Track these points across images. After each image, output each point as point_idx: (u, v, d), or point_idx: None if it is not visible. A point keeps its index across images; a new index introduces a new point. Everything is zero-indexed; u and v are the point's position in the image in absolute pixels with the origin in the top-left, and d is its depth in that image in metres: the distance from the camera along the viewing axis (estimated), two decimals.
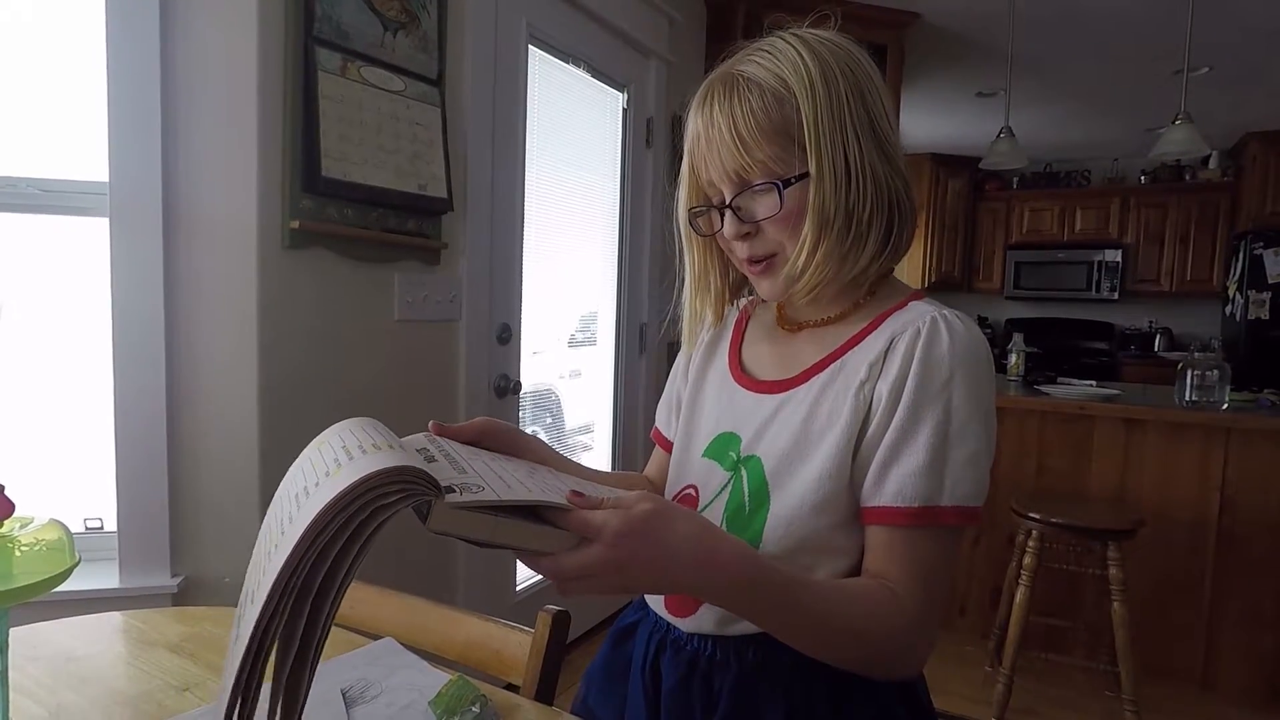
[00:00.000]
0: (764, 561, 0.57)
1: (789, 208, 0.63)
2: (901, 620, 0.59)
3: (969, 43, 3.39)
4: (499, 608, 2.04)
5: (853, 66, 0.64)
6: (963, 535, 0.65)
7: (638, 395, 2.67)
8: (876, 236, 0.64)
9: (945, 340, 0.62)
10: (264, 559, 0.44)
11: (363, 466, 0.42)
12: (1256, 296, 4.45)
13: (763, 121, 0.62)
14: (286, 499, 0.47)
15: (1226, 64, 3.51)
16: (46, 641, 0.79)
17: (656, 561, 0.51)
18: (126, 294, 1.32)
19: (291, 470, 0.51)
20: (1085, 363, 5.07)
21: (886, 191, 0.64)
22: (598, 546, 0.49)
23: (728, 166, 0.64)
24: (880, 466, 0.62)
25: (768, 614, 0.58)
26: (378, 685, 0.71)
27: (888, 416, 0.62)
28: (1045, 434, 2.46)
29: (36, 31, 1.33)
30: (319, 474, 0.45)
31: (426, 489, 0.44)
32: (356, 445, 0.47)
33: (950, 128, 4.89)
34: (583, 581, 0.50)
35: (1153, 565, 2.28)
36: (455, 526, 0.46)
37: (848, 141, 0.62)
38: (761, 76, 0.63)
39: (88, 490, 1.38)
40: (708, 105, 0.65)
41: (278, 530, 0.44)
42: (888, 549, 0.61)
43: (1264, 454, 2.17)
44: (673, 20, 2.62)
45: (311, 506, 0.41)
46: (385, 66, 1.54)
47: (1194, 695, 2.24)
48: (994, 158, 3.04)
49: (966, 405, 0.61)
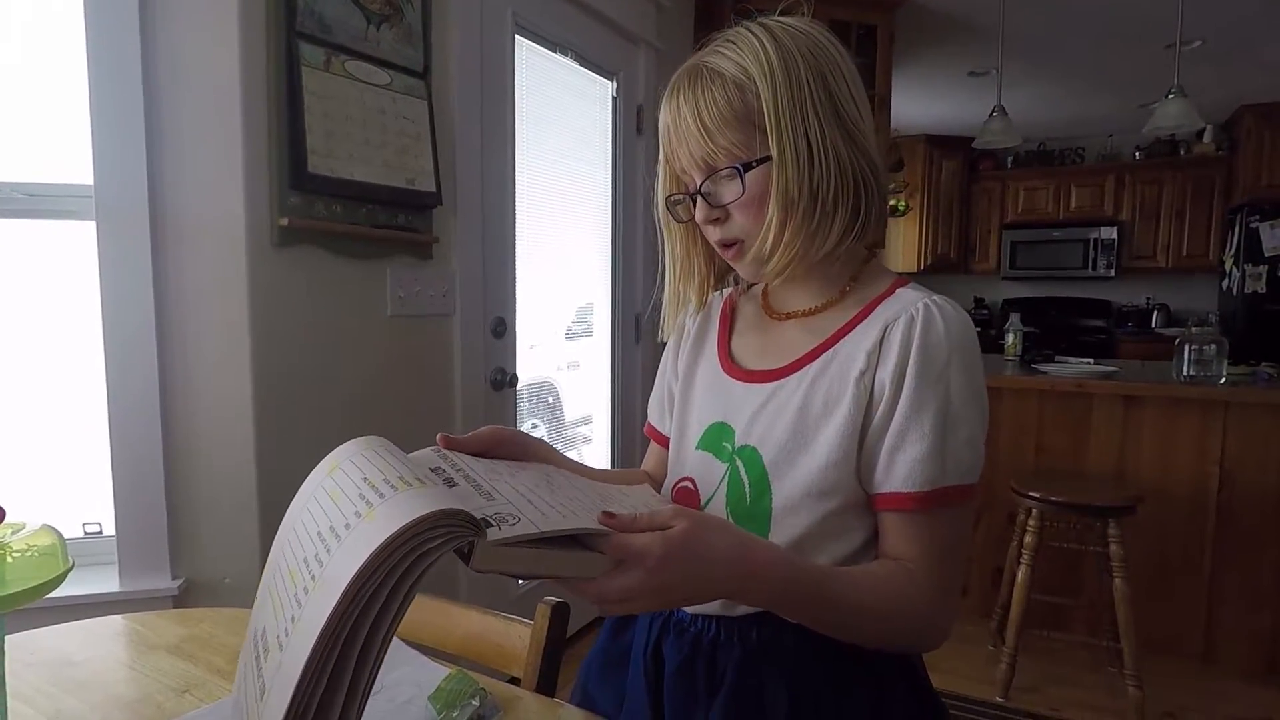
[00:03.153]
0: (796, 560, 0.60)
1: (752, 191, 0.65)
2: (923, 598, 0.62)
3: (959, 22, 3.37)
4: (502, 601, 2.04)
5: (814, 51, 0.65)
6: (970, 509, 0.68)
7: (635, 385, 2.67)
8: (843, 215, 0.66)
9: (940, 326, 0.64)
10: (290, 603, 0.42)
11: (403, 511, 0.41)
12: (1253, 270, 4.45)
13: (725, 110, 0.64)
14: (307, 536, 0.45)
15: (1219, 37, 3.48)
16: (46, 647, 0.79)
17: (699, 576, 0.53)
18: (116, 297, 1.31)
19: (302, 498, 0.49)
20: (1083, 341, 5.06)
21: (851, 171, 0.65)
22: (639, 572, 0.50)
23: (695, 155, 0.67)
24: (888, 453, 0.64)
25: (802, 609, 0.60)
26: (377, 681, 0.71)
27: (891, 404, 0.64)
28: (1044, 413, 2.47)
29: (16, 36, 1.32)
30: (347, 514, 0.43)
31: (469, 529, 0.43)
32: (382, 479, 0.45)
33: (943, 108, 4.87)
34: (627, 604, 0.51)
35: (1153, 541, 2.29)
36: (498, 564, 0.45)
37: (809, 124, 0.63)
38: (724, 66, 0.65)
39: (86, 495, 1.37)
40: (675, 97, 0.68)
41: (303, 572, 0.43)
42: (902, 532, 0.64)
43: (1262, 427, 2.17)
44: (660, 6, 2.60)
45: (353, 554, 0.40)
46: (370, 60, 1.52)
47: (1195, 669, 2.25)
48: (987, 137, 3.02)
49: (964, 388, 0.63)
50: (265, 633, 0.45)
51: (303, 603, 0.41)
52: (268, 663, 0.42)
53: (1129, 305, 5.52)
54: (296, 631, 0.40)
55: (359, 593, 0.39)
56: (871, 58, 3.06)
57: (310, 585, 0.41)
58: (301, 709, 0.39)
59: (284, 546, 0.48)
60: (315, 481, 0.50)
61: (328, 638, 0.39)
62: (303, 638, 0.39)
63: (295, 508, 0.50)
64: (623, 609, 0.52)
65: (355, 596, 0.39)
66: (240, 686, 0.49)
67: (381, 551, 0.39)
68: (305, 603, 0.41)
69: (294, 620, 0.41)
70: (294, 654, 0.39)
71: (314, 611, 0.39)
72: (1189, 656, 2.28)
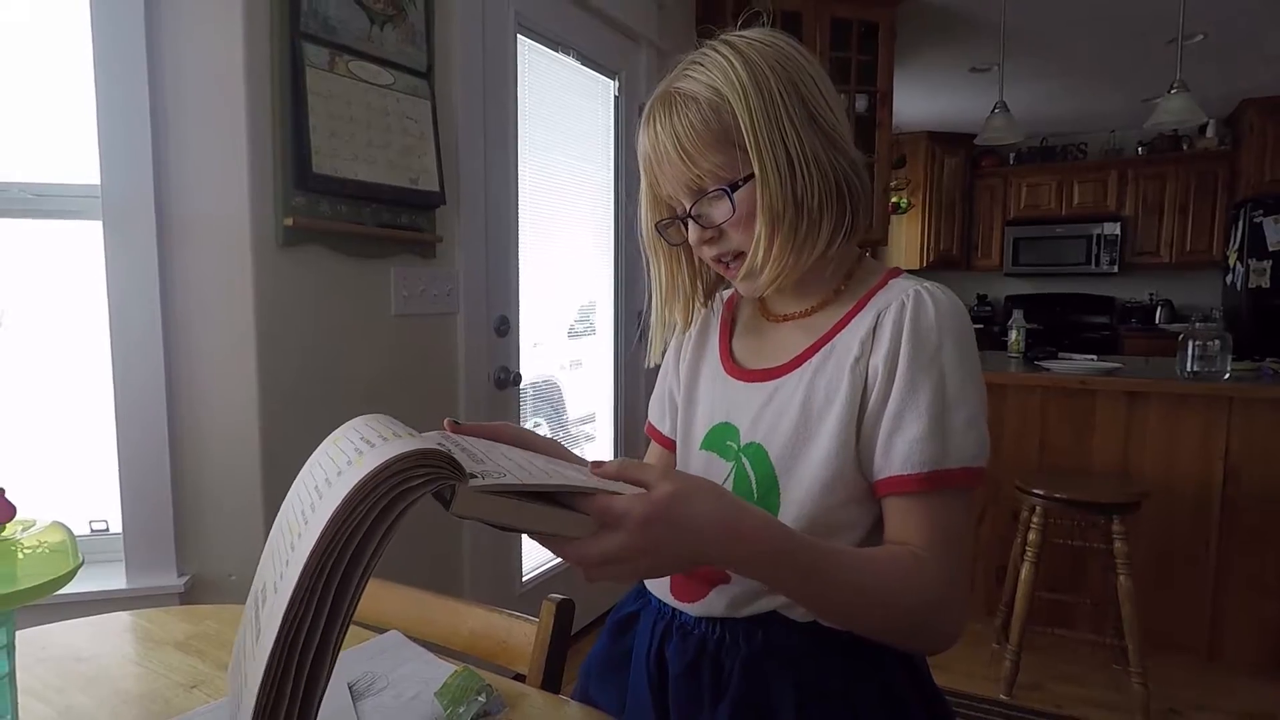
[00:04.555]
0: (789, 531, 0.57)
1: (742, 209, 0.66)
2: (928, 581, 0.61)
3: (961, 18, 3.36)
4: (506, 598, 2.05)
5: (782, 62, 0.65)
6: (974, 496, 0.68)
7: (639, 383, 2.67)
8: (830, 219, 0.66)
9: (931, 310, 0.64)
10: (285, 550, 0.44)
11: (386, 451, 0.42)
12: (1257, 265, 4.43)
13: (703, 133, 0.65)
14: (305, 491, 0.46)
15: (1221, 31, 3.47)
16: (54, 643, 0.80)
17: (682, 542, 0.52)
18: (122, 296, 1.31)
19: (306, 468, 0.51)
20: (1086, 337, 5.05)
21: (833, 175, 0.66)
22: (622, 534, 0.49)
23: (680, 180, 0.68)
24: (886, 437, 0.64)
25: (795, 584, 0.58)
26: (384, 678, 0.71)
27: (886, 387, 0.64)
28: (1047, 410, 2.46)
29: (23, 35, 1.32)
30: (340, 464, 0.44)
31: (451, 473, 0.44)
32: (377, 435, 0.47)
33: (945, 105, 4.86)
34: (609, 567, 0.50)
35: (1157, 538, 2.29)
36: (479, 510, 0.46)
37: (786, 136, 0.64)
38: (696, 90, 0.65)
39: (93, 493, 1.38)
40: (651, 125, 0.68)
41: (298, 522, 0.44)
42: (904, 516, 0.63)
43: (1267, 423, 2.16)
44: (662, 4, 2.60)
45: (336, 493, 0.41)
46: (374, 60, 1.53)
47: (1200, 666, 2.24)
48: (989, 133, 3.02)
49: (960, 369, 0.63)
50: (265, 586, 0.46)
51: (295, 547, 0.42)
52: (264, 609, 0.43)
53: (1132, 301, 5.50)
54: (287, 573, 0.41)
55: (342, 526, 0.40)
56: (873, 54, 3.06)
57: (303, 530, 0.42)
58: (290, 638, 0.40)
59: (285, 510, 0.49)
60: (320, 450, 0.51)
61: (312, 569, 0.40)
62: (291, 573, 0.41)
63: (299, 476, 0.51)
64: (606, 573, 0.51)
65: (339, 530, 0.40)
66: (238, 643, 0.51)
67: (364, 485, 0.40)
68: (296, 546, 0.42)
69: (286, 564, 0.42)
70: (284, 592, 0.41)
71: (301, 550, 0.41)
72: (1193, 653, 2.28)
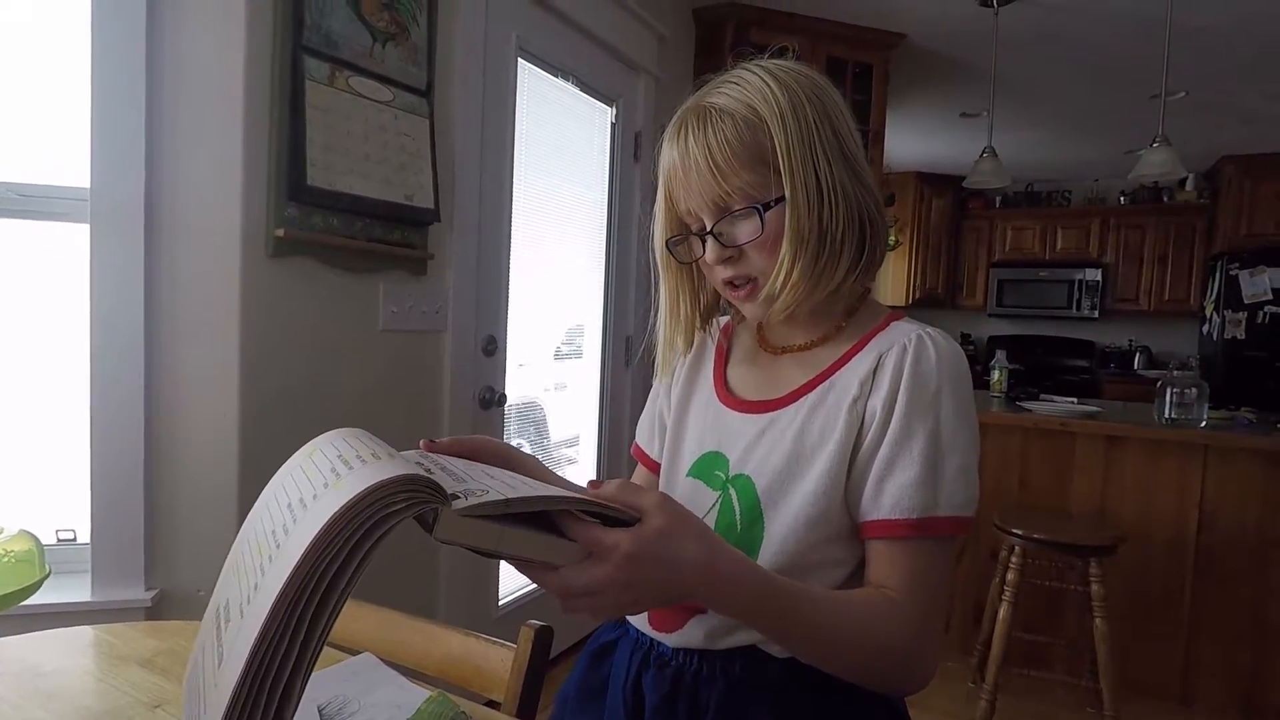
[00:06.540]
0: (769, 576, 0.58)
1: (770, 231, 0.65)
2: (902, 627, 0.61)
3: (953, 64, 3.45)
4: (481, 622, 2.01)
5: (818, 93, 0.67)
6: (956, 543, 0.68)
7: (624, 408, 2.67)
8: (850, 252, 0.67)
9: (932, 356, 0.64)
10: (254, 572, 0.42)
11: (368, 475, 0.41)
12: (1233, 316, 4.53)
13: (738, 149, 0.64)
14: (276, 509, 0.45)
15: (1202, 90, 3.59)
16: (13, 657, 0.77)
17: (664, 580, 0.52)
18: (106, 301, 1.29)
19: (278, 478, 0.49)
20: (1066, 380, 5.12)
21: (858, 208, 0.67)
22: (606, 567, 0.49)
23: (706, 195, 0.66)
24: (877, 480, 0.63)
25: (770, 624, 0.59)
26: (356, 702, 0.70)
27: (881, 430, 0.64)
28: (1027, 450, 2.48)
29: (17, 35, 1.32)
30: (316, 485, 0.43)
31: (432, 496, 0.43)
32: (355, 455, 0.45)
33: (935, 147, 4.96)
34: (588, 599, 0.50)
35: (1133, 581, 2.30)
36: (461, 534, 0.45)
37: (818, 164, 0.64)
38: (732, 107, 0.65)
39: (60, 500, 1.34)
40: (682, 137, 0.67)
41: (268, 543, 0.43)
42: (888, 560, 0.63)
43: (1241, 471, 2.19)
44: (662, 37, 2.64)
45: (317, 517, 0.40)
46: (374, 77, 1.54)
47: (1173, 710, 2.25)
48: (977, 177, 3.08)
49: (955, 417, 0.63)
50: (228, 605, 0.44)
51: (265, 570, 0.41)
52: (228, 632, 0.42)
53: (1112, 346, 5.60)
54: (258, 597, 0.40)
55: (321, 554, 0.39)
56: (867, 95, 3.12)
57: (275, 554, 0.41)
58: (260, 669, 0.39)
59: (253, 522, 0.48)
60: (292, 463, 0.50)
61: (287, 599, 0.39)
62: (263, 599, 0.39)
63: (268, 487, 0.50)
64: (586, 605, 0.50)
65: (318, 558, 0.39)
66: (195, 661, 0.49)
67: (345, 512, 0.39)
68: (268, 570, 0.41)
69: (256, 588, 0.41)
70: (253, 617, 0.39)
71: (275, 575, 0.39)
72: (1168, 698, 2.28)
